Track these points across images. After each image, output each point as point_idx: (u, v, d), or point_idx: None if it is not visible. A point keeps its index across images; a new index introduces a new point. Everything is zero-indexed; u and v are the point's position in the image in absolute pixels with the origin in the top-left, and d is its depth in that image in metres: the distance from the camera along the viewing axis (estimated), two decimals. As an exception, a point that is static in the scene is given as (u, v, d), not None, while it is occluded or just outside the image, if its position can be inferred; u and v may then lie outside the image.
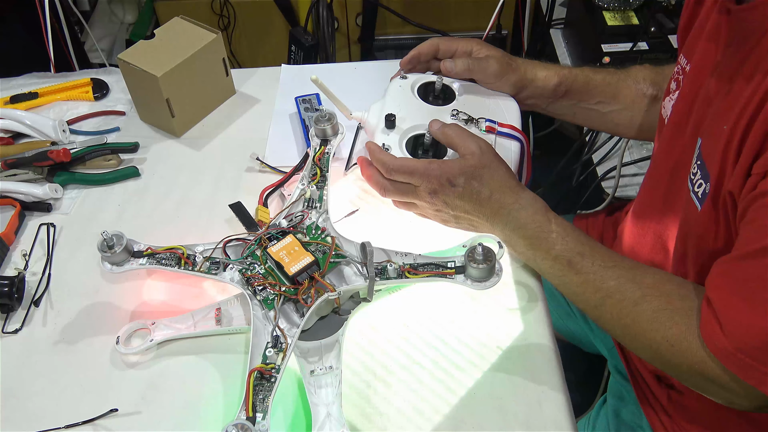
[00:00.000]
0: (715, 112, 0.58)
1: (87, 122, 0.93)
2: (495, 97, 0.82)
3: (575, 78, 0.80)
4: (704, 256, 0.61)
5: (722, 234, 0.57)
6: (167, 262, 0.67)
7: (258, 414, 0.55)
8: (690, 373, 0.56)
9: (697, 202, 0.59)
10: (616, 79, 0.82)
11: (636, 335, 0.59)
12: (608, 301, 0.60)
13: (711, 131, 0.57)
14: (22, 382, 0.66)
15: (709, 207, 0.57)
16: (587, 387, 1.16)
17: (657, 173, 0.73)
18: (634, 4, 1.39)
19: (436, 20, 1.73)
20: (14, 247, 0.78)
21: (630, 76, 0.82)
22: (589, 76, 0.81)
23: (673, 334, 0.56)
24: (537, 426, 0.60)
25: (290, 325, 0.62)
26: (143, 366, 0.66)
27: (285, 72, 0.99)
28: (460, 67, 0.79)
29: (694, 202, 0.60)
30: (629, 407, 0.85)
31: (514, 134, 0.78)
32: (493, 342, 0.66)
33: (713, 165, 0.56)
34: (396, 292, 0.70)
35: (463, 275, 0.64)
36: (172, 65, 0.83)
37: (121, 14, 1.88)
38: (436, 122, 0.71)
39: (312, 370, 0.62)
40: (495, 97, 0.82)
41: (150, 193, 0.83)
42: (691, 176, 0.61)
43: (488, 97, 0.82)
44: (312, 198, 0.72)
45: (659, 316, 0.57)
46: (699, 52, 0.65)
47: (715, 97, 0.59)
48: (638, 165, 1.35)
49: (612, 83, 0.81)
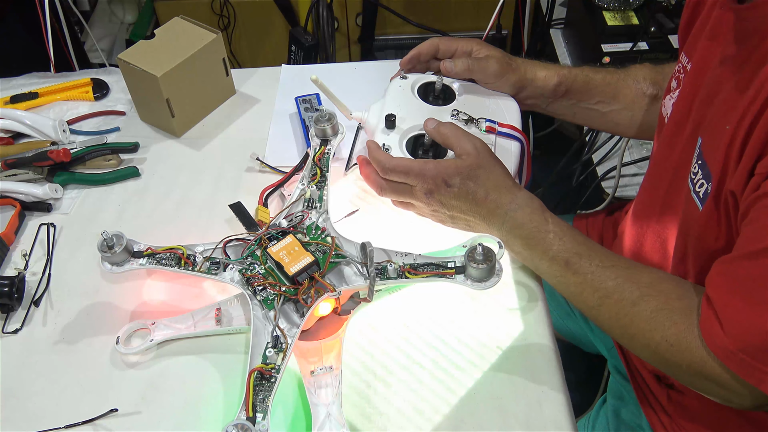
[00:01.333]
0: (717, 112, 0.58)
1: (87, 122, 0.93)
2: (495, 97, 0.82)
3: (575, 78, 0.80)
4: (705, 256, 0.61)
5: (723, 234, 0.57)
6: (167, 262, 0.67)
7: (258, 414, 0.55)
8: (689, 372, 0.56)
9: (698, 202, 0.59)
10: (616, 78, 0.82)
11: (634, 335, 0.59)
12: (606, 301, 0.60)
13: (712, 131, 0.57)
14: (22, 382, 0.66)
15: (710, 207, 0.57)
16: (587, 387, 1.16)
17: (657, 172, 0.73)
18: (634, 4, 1.39)
19: (436, 20, 1.73)
20: (14, 247, 0.78)
21: (630, 75, 0.82)
22: (589, 75, 0.81)
23: (672, 334, 0.56)
24: (537, 426, 0.60)
25: (290, 325, 0.62)
26: (143, 366, 0.66)
27: (285, 72, 0.99)
28: (459, 67, 0.79)
29: (694, 201, 0.59)
30: (629, 407, 0.85)
31: (514, 134, 0.78)
32: (493, 342, 0.66)
33: (715, 164, 0.56)
34: (396, 292, 0.70)
35: (463, 275, 0.64)
36: (172, 65, 0.83)
37: (121, 14, 1.88)
38: (431, 121, 0.71)
39: (312, 370, 0.62)
40: (495, 97, 0.82)
41: (150, 193, 0.83)
42: (691, 176, 0.60)
43: (488, 97, 0.82)
44: (312, 198, 0.72)
45: (658, 315, 0.57)
46: (700, 51, 0.65)
47: (716, 95, 0.59)
48: (638, 165, 1.35)
49: (612, 83, 0.81)
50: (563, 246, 0.63)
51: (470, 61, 0.79)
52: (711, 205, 0.57)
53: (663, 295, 0.58)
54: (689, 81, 0.66)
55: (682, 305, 0.57)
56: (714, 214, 0.57)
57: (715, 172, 0.56)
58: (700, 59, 0.64)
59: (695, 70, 0.65)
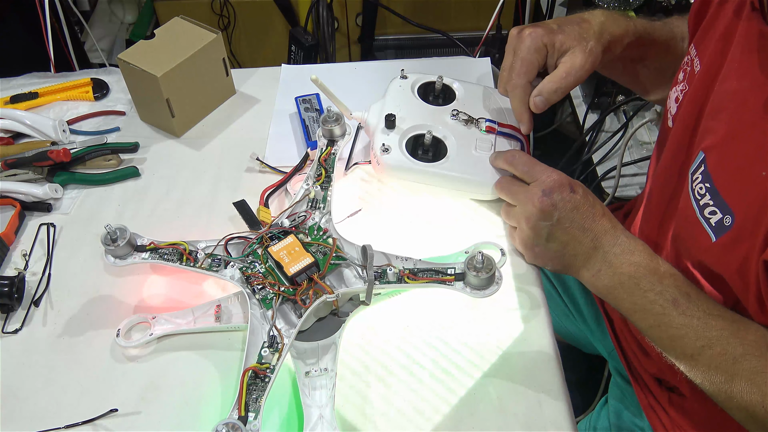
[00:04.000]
0: (737, 143, 0.55)
1: (87, 122, 0.93)
2: (495, 97, 0.82)
3: (639, 36, 0.72)
4: (713, 282, 0.59)
5: (738, 273, 0.55)
6: (169, 257, 0.67)
7: (250, 413, 0.55)
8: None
9: (710, 232, 0.56)
10: (668, 33, 0.75)
11: (731, 394, 0.55)
12: (707, 351, 0.56)
13: (732, 161, 0.55)
14: (22, 382, 0.66)
15: (727, 245, 0.55)
16: (587, 387, 1.16)
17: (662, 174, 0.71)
18: (634, 4, 1.39)
19: (436, 20, 1.73)
20: (14, 247, 0.78)
21: (676, 31, 0.76)
22: (650, 33, 0.73)
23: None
24: (537, 426, 0.60)
25: (288, 326, 0.62)
26: (143, 360, 0.66)
27: (285, 72, 0.99)
28: (551, 96, 0.70)
29: (702, 225, 0.57)
30: (630, 409, 0.85)
31: (514, 134, 0.78)
32: (493, 342, 0.66)
33: (739, 206, 0.53)
34: (396, 296, 0.70)
35: (462, 282, 0.63)
36: (172, 65, 0.83)
37: (121, 14, 1.88)
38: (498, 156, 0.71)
39: (307, 371, 0.62)
40: (495, 97, 0.82)
41: (150, 193, 0.83)
42: (696, 194, 0.58)
43: (488, 97, 0.82)
44: (316, 198, 0.72)
45: (757, 378, 0.53)
46: (710, 55, 0.62)
47: (733, 113, 0.56)
48: (638, 165, 1.35)
49: (663, 39, 0.75)
50: (674, 282, 0.59)
51: (557, 82, 0.69)
52: (729, 244, 0.54)
53: (766, 357, 0.54)
54: (699, 84, 0.63)
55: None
56: (731, 256, 0.54)
57: (740, 214, 0.53)
58: (710, 62, 0.61)
59: (705, 73, 0.62)
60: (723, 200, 0.55)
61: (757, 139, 0.53)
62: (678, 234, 0.65)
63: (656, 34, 0.74)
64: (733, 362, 0.54)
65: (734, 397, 0.54)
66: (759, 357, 0.54)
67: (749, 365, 0.53)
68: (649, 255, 0.62)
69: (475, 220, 0.76)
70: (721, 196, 0.55)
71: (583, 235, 0.63)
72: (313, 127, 0.86)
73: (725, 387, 0.55)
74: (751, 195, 0.52)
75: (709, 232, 0.57)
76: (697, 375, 0.58)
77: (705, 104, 0.61)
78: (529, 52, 0.69)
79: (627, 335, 0.83)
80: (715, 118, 0.59)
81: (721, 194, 0.55)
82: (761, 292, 0.54)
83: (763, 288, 0.53)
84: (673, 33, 0.76)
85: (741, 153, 0.55)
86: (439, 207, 0.77)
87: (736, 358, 0.54)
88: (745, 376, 0.54)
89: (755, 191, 0.52)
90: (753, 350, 0.54)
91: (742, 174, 0.54)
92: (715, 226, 0.56)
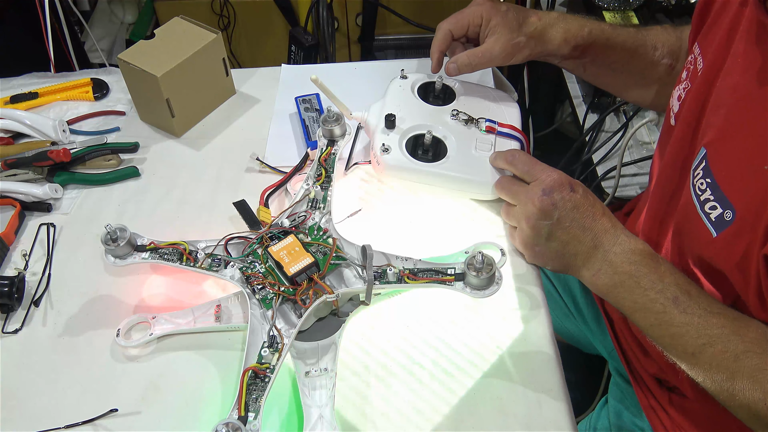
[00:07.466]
0: (738, 136, 0.55)
1: (87, 122, 0.93)
2: (495, 97, 0.82)
3: (594, 39, 0.76)
4: (713, 278, 0.59)
5: (738, 268, 0.55)
6: (169, 257, 0.67)
7: (250, 413, 0.55)
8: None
9: (711, 227, 0.56)
10: (635, 41, 0.78)
11: (733, 392, 0.54)
12: (708, 349, 0.56)
13: (732, 155, 0.55)
14: (22, 382, 0.66)
15: (727, 240, 0.55)
16: (587, 387, 1.16)
17: (664, 173, 0.71)
18: (634, 4, 1.39)
19: (436, 20, 1.70)
20: (14, 247, 0.78)
21: (649, 39, 0.78)
22: (610, 37, 0.77)
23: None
24: (537, 426, 0.60)
25: (288, 326, 0.62)
26: (143, 360, 0.66)
27: (285, 72, 0.99)
28: (462, 68, 0.77)
29: (702, 221, 0.57)
30: (630, 410, 0.85)
31: (514, 134, 0.78)
32: (493, 342, 0.66)
33: (740, 200, 0.53)
34: (396, 296, 0.70)
35: (462, 282, 0.63)
36: (172, 65, 0.83)
37: (121, 14, 1.88)
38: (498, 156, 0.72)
39: (307, 371, 0.62)
40: (495, 97, 0.82)
41: (150, 193, 0.83)
42: (696, 189, 0.58)
43: (488, 97, 0.82)
44: (316, 198, 0.72)
45: (759, 375, 0.53)
46: (713, 51, 0.62)
47: (734, 108, 0.56)
48: (638, 165, 1.35)
49: (629, 46, 0.78)
50: (674, 280, 0.59)
51: (471, 57, 0.77)
52: (729, 239, 0.54)
53: (767, 353, 0.54)
54: (702, 81, 0.63)
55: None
56: (732, 250, 0.54)
57: (740, 208, 0.53)
58: (714, 58, 0.61)
59: (708, 70, 0.62)
60: (723, 195, 0.55)
61: (758, 133, 0.53)
62: (679, 231, 0.65)
63: (619, 39, 0.78)
64: (734, 360, 0.54)
65: (736, 395, 0.54)
66: (760, 354, 0.54)
67: (750, 363, 0.53)
68: (649, 254, 0.62)
69: (475, 220, 0.76)
70: (722, 190, 0.55)
71: (584, 234, 0.63)
72: (313, 127, 0.86)
73: (727, 385, 0.55)
74: (752, 189, 0.52)
75: (710, 228, 0.57)
76: (698, 373, 0.58)
77: (707, 101, 0.61)
78: (467, 13, 0.78)
79: (627, 335, 0.83)
80: (716, 114, 0.59)
81: (722, 188, 0.55)
82: (761, 287, 0.54)
83: (763, 283, 0.53)
84: (644, 41, 0.78)
85: (742, 147, 0.55)
86: (439, 207, 0.77)
87: (738, 355, 0.54)
88: (746, 373, 0.53)
89: (756, 185, 0.52)
90: (754, 347, 0.54)
91: (743, 168, 0.54)
92: (715, 221, 0.56)
